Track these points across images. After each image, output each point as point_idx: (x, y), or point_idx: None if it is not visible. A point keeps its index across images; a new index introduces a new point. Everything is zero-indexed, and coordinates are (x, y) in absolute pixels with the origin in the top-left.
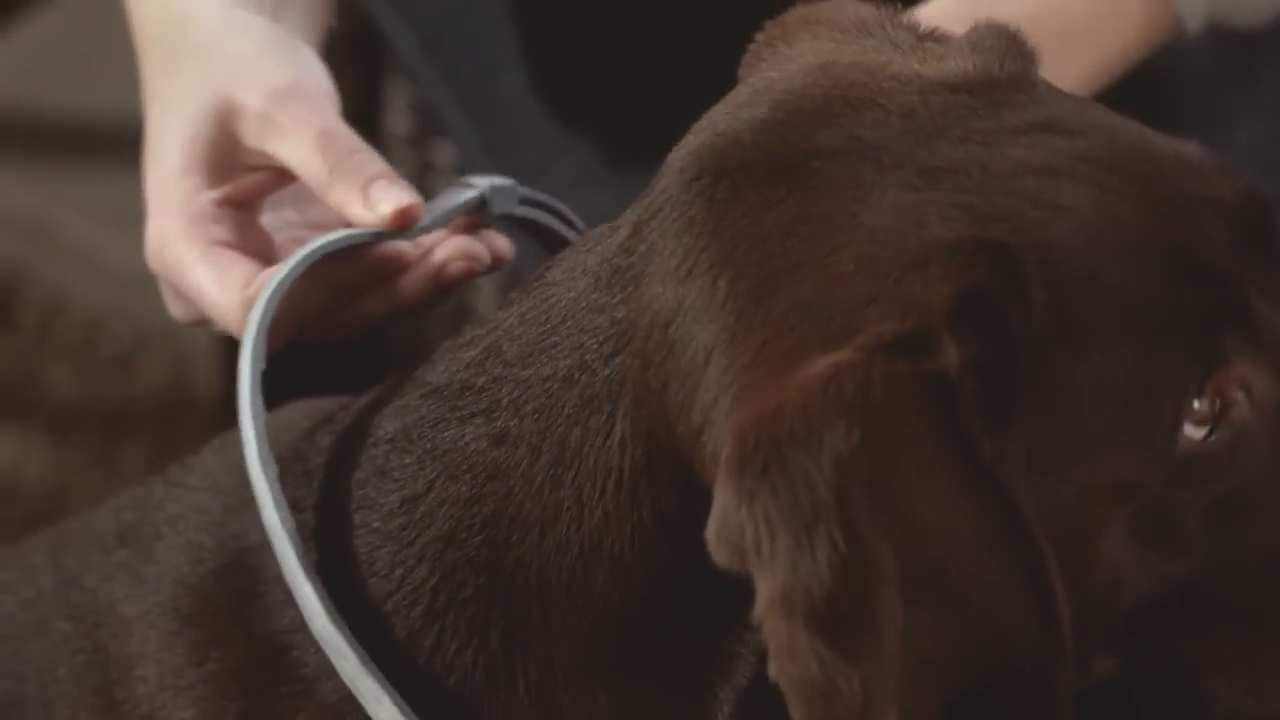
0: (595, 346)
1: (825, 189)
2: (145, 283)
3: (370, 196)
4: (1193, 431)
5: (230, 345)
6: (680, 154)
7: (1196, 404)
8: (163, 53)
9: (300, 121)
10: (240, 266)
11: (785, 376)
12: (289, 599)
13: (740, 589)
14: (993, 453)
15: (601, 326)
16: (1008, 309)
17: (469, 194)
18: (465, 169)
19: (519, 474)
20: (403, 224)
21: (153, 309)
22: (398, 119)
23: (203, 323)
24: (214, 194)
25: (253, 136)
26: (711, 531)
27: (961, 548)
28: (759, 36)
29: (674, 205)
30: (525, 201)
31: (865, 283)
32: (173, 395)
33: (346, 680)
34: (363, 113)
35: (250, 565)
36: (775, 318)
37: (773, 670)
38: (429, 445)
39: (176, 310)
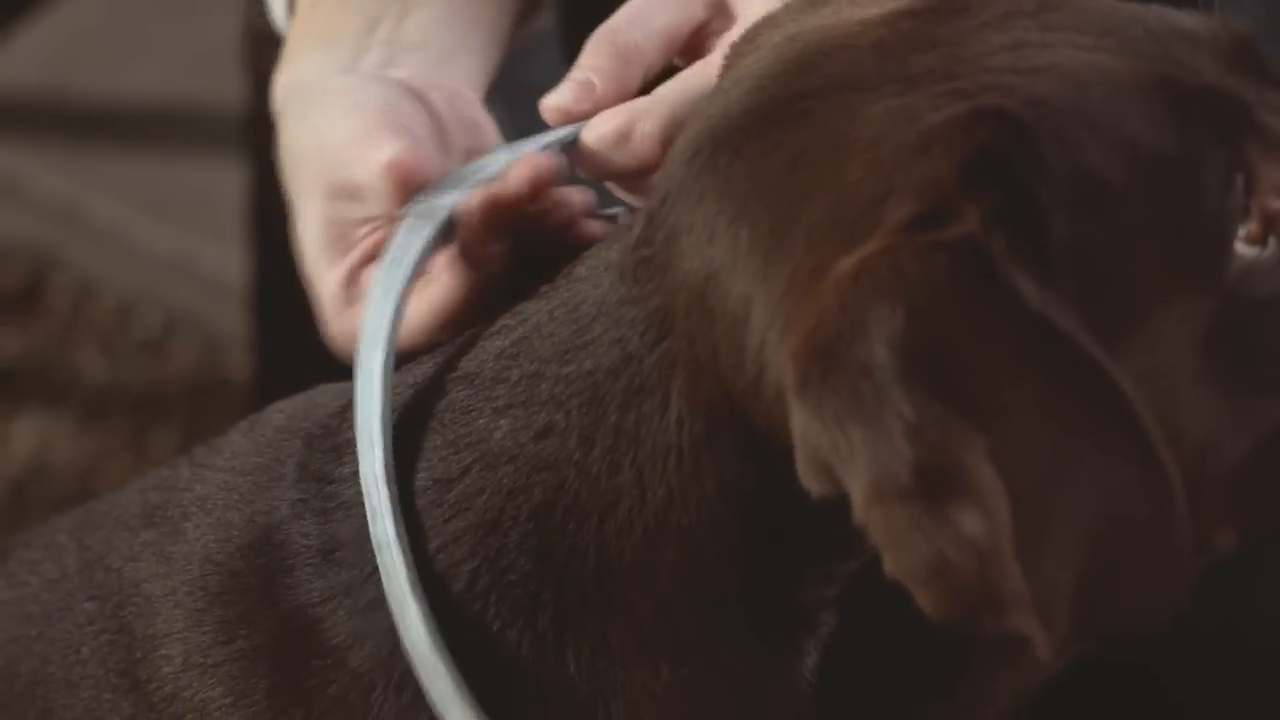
0: (637, 338)
1: (817, 121)
2: (176, 267)
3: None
4: (1246, 250)
5: (261, 329)
6: (678, 143)
7: (1243, 229)
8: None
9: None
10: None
11: (819, 288)
12: (318, 571)
13: (809, 542)
14: (1045, 306)
15: (638, 319)
16: (1017, 163)
17: (563, 133)
18: None
19: (572, 465)
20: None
21: (183, 293)
22: None
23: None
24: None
25: (373, 208)
26: (800, 463)
27: (1033, 397)
28: (728, 51)
29: (682, 186)
30: None
31: (874, 184)
32: (204, 379)
33: (435, 702)
34: None
35: (278, 540)
36: (799, 244)
37: (889, 568)
38: (461, 430)
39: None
